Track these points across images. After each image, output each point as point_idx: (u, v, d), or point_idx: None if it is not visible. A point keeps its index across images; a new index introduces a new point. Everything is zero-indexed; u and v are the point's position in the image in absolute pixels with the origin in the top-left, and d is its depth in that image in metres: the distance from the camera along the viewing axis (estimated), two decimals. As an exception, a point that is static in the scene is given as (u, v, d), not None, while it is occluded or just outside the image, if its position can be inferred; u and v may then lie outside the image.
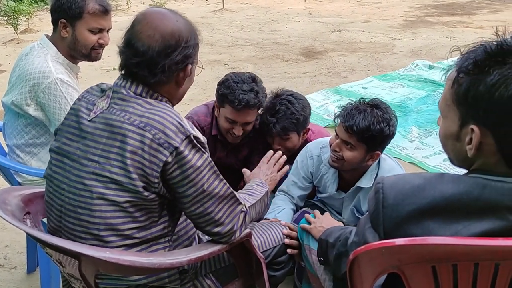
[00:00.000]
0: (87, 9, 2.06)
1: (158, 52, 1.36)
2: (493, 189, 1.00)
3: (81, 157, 1.37)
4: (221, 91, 2.26)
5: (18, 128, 2.14)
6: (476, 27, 8.01)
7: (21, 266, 2.54)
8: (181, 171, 1.33)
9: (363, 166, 2.03)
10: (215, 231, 1.43)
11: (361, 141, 1.91)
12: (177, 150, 1.31)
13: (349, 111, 1.93)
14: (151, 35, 1.36)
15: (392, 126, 1.94)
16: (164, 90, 1.44)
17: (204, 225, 1.42)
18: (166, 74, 1.38)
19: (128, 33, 1.40)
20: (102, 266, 1.28)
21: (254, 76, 2.31)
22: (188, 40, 1.40)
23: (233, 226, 1.45)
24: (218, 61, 6.36)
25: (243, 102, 2.19)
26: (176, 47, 1.37)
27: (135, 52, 1.37)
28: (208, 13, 9.71)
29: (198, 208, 1.39)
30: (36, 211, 1.57)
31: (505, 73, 0.97)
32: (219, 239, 1.45)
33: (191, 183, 1.35)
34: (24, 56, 2.14)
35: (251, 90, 2.22)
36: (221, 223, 1.43)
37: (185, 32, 1.40)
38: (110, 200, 1.32)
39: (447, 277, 1.00)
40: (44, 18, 9.01)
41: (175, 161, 1.32)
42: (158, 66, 1.37)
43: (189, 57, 1.42)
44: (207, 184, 1.38)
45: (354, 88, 5.19)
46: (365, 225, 1.16)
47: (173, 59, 1.37)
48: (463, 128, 1.04)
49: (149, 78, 1.38)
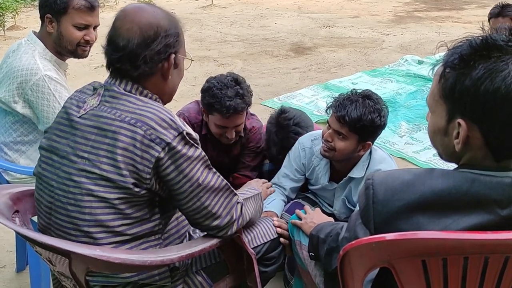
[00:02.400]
0: (72, 5, 2.04)
1: (138, 44, 1.36)
2: (482, 183, 1.01)
3: (70, 153, 1.37)
4: (206, 100, 2.23)
5: (5, 125, 2.12)
6: (464, 22, 8.07)
7: (11, 265, 2.52)
8: (175, 166, 1.33)
9: (354, 157, 2.05)
10: (214, 224, 1.43)
11: (353, 131, 1.93)
12: (170, 146, 1.31)
13: (341, 102, 1.96)
14: (129, 28, 1.37)
15: (383, 117, 1.97)
16: (152, 84, 1.43)
17: (202, 220, 1.42)
18: (148, 65, 1.39)
19: (110, 31, 1.42)
20: (93, 264, 1.27)
21: (236, 78, 2.28)
22: (167, 30, 1.40)
23: (231, 217, 1.45)
24: (207, 57, 6.34)
25: (231, 109, 2.16)
26: (155, 37, 1.38)
27: (116, 48, 1.38)
28: (197, 9, 9.67)
29: (195, 203, 1.38)
30: (25, 209, 1.55)
31: (490, 67, 0.98)
32: (218, 232, 1.45)
33: (186, 178, 1.35)
34: (11, 53, 2.12)
35: (237, 94, 2.18)
36: (219, 216, 1.42)
37: (163, 22, 1.40)
38: (100, 197, 1.32)
39: (437, 271, 1.01)
40: (31, 15, 8.91)
41: (168, 156, 1.32)
42: (139, 58, 1.37)
43: (170, 47, 1.41)
44: (202, 178, 1.38)
45: (344, 83, 5.20)
46: (355, 221, 1.17)
47: (153, 49, 1.38)
48: (451, 122, 1.05)
49: (132, 71, 1.38)
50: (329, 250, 1.42)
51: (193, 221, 1.45)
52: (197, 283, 1.57)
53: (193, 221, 1.44)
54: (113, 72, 1.43)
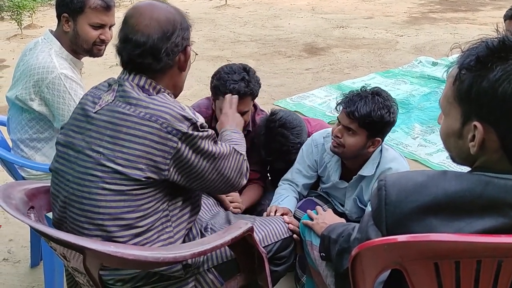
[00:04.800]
0: (89, 4, 2.06)
1: (159, 38, 1.43)
2: (496, 186, 1.00)
3: (86, 148, 1.40)
4: (214, 83, 2.27)
5: (22, 122, 2.15)
6: (480, 23, 7.98)
7: (25, 260, 2.55)
8: (193, 150, 1.42)
9: (364, 154, 2.05)
10: (230, 184, 1.58)
11: (362, 127, 1.94)
12: (186, 135, 1.39)
13: (350, 98, 1.97)
14: (148, 25, 1.42)
15: (392, 113, 1.97)
16: (169, 77, 1.50)
17: (220, 185, 1.55)
18: (170, 57, 1.46)
19: (123, 29, 1.46)
20: (106, 259, 1.29)
21: (246, 66, 2.30)
22: (182, 23, 1.48)
23: (241, 174, 1.61)
24: (220, 57, 6.36)
25: (234, 91, 2.18)
26: (174, 30, 1.45)
27: (136, 44, 1.42)
28: (210, 9, 9.69)
29: (213, 174, 1.50)
30: (40, 205, 1.58)
31: (508, 68, 0.97)
32: (233, 189, 1.62)
33: (204, 156, 1.45)
34: (28, 51, 2.15)
35: (242, 79, 2.20)
36: (233, 177, 1.57)
37: (178, 16, 1.49)
38: (114, 190, 1.35)
39: (450, 274, 1.01)
40: (48, 14, 9.02)
41: (185, 144, 1.39)
42: (161, 51, 1.44)
43: (185, 39, 1.50)
44: (215, 150, 1.48)
45: (357, 84, 5.17)
46: (368, 222, 1.17)
47: (173, 42, 1.46)
48: (466, 125, 1.04)
49: (154, 64, 1.44)
50: (341, 251, 1.42)
51: (212, 190, 1.61)
52: (209, 281, 1.59)
53: (212, 190, 1.58)
54: (129, 68, 1.46)
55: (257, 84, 2.28)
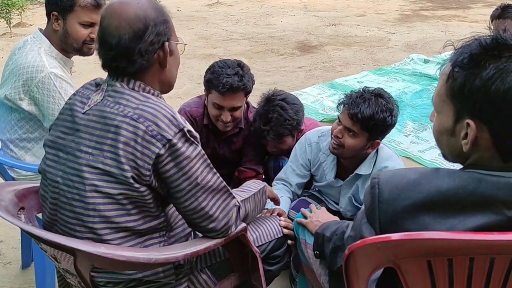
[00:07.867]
0: (78, 2, 2.04)
1: (130, 39, 1.35)
2: (489, 183, 1.00)
3: (75, 149, 1.37)
4: (207, 77, 2.29)
5: (11, 122, 2.12)
6: (471, 21, 8.02)
7: (16, 261, 2.53)
8: (174, 163, 1.33)
9: (362, 154, 2.05)
10: (210, 227, 1.42)
11: (364, 129, 1.94)
12: (170, 142, 1.31)
13: (354, 99, 1.96)
14: (118, 25, 1.35)
15: (394, 116, 1.98)
16: (151, 77, 1.43)
17: (199, 221, 1.41)
18: (145, 57, 1.38)
19: (99, 31, 1.40)
20: (97, 261, 1.27)
21: (240, 62, 2.32)
22: (155, 19, 1.38)
23: (228, 220, 1.44)
24: (213, 55, 6.34)
25: (227, 85, 2.20)
26: (145, 28, 1.36)
27: (109, 47, 1.36)
28: (202, 7, 9.66)
29: (193, 203, 1.38)
30: (30, 206, 1.56)
31: (500, 66, 0.97)
32: (215, 235, 1.44)
33: (185, 176, 1.34)
34: (17, 50, 2.13)
35: (236, 74, 2.23)
36: (216, 218, 1.41)
37: (150, 11, 1.38)
38: (104, 193, 1.32)
39: (443, 271, 1.01)
40: (37, 12, 8.94)
41: (168, 153, 1.32)
42: (134, 53, 1.36)
43: (162, 35, 1.40)
44: (201, 177, 1.37)
45: (349, 82, 5.19)
46: (361, 220, 1.17)
47: (146, 41, 1.37)
48: (458, 123, 1.04)
49: (129, 67, 1.38)
50: (334, 249, 1.42)
51: (190, 222, 1.44)
52: (202, 281, 1.58)
53: (190, 221, 1.44)
54: (111, 72, 1.42)
55: (250, 80, 2.29)
